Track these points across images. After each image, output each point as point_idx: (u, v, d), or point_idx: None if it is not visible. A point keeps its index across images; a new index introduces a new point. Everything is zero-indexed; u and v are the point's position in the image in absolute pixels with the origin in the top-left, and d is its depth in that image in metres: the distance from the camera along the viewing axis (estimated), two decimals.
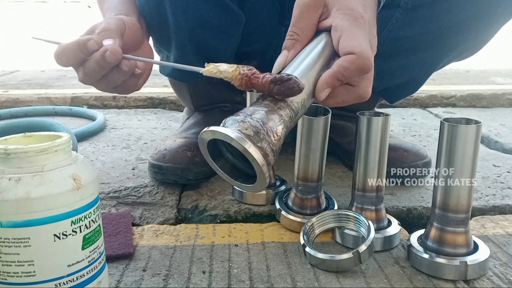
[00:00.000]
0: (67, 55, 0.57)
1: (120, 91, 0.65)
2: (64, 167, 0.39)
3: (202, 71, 0.48)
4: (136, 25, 0.65)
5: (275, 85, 0.44)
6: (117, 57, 0.56)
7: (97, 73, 0.58)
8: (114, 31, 0.59)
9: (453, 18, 0.71)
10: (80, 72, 0.59)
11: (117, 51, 0.55)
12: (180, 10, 0.68)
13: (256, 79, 0.45)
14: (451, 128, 0.49)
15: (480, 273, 0.50)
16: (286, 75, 0.44)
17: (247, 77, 0.46)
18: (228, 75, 0.47)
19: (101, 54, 0.55)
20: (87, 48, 0.56)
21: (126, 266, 0.52)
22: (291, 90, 0.44)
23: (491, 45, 0.81)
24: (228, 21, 0.71)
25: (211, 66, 0.47)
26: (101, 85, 0.62)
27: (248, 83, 0.46)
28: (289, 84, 0.44)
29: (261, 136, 0.43)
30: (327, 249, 0.57)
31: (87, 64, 0.57)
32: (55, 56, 0.57)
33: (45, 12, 7.41)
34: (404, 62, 0.77)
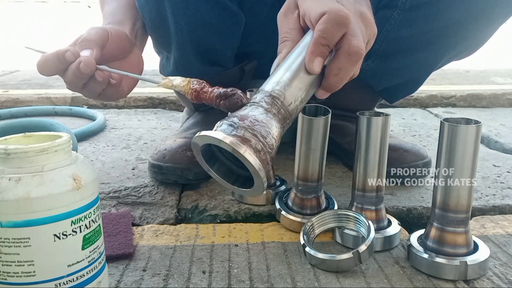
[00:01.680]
0: (48, 65, 0.60)
1: (104, 98, 0.67)
2: (64, 167, 0.39)
3: (159, 85, 0.51)
4: (122, 35, 0.67)
5: (220, 100, 0.46)
6: (91, 69, 0.58)
7: (76, 82, 0.61)
8: (93, 42, 0.61)
9: (451, 17, 0.71)
10: (64, 80, 0.63)
11: (90, 63, 0.58)
12: (180, 11, 0.68)
13: (204, 94, 0.48)
14: (451, 128, 0.49)
15: (480, 273, 0.50)
16: (230, 90, 0.46)
17: (196, 91, 0.48)
18: (181, 89, 0.49)
19: (76, 65, 0.58)
20: (65, 59, 0.59)
21: (126, 266, 0.52)
22: (235, 105, 0.46)
23: (491, 45, 0.81)
24: (228, 21, 0.71)
25: (167, 80, 0.50)
26: (85, 93, 0.65)
27: (197, 97, 0.48)
28: (232, 99, 0.46)
29: (256, 139, 0.42)
30: (327, 249, 0.57)
31: (66, 74, 0.60)
32: (37, 66, 0.60)
33: (45, 12, 7.41)
34: (403, 62, 0.77)
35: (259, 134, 0.43)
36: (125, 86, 0.67)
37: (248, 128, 0.42)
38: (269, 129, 0.44)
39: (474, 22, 0.72)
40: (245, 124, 0.43)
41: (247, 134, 0.42)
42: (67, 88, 0.64)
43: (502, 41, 0.88)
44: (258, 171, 0.42)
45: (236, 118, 0.44)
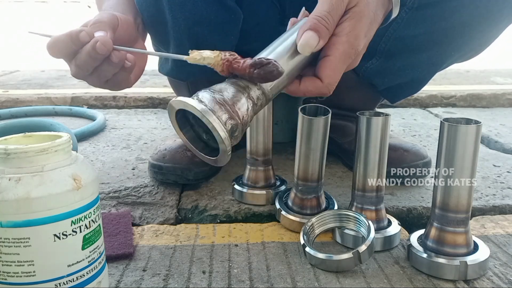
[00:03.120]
0: (59, 46, 0.57)
1: (112, 86, 0.65)
2: (64, 167, 0.39)
3: (186, 58, 0.49)
4: (130, 22, 0.65)
5: (254, 68, 0.45)
6: (108, 48, 0.56)
7: (88, 65, 0.58)
8: (106, 24, 0.59)
9: (458, 18, 0.71)
10: (72, 65, 0.60)
11: (107, 42, 0.56)
12: (178, 7, 0.68)
13: (237, 63, 0.46)
14: (451, 128, 0.49)
15: (480, 273, 0.50)
16: (266, 59, 0.45)
17: (228, 61, 0.47)
18: (210, 61, 0.47)
19: (92, 45, 0.55)
20: (79, 39, 0.56)
21: (126, 266, 0.52)
22: (270, 73, 0.45)
23: (491, 45, 0.81)
24: (226, 18, 0.71)
25: (195, 53, 0.48)
26: (93, 79, 0.62)
27: (229, 67, 0.47)
28: (268, 67, 0.45)
29: (226, 110, 0.43)
30: (327, 249, 0.57)
31: (78, 56, 0.58)
32: (47, 47, 0.57)
33: (45, 12, 7.41)
34: (408, 61, 0.77)
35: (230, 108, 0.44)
36: (132, 75, 0.66)
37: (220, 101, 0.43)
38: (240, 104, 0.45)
39: (481, 23, 0.72)
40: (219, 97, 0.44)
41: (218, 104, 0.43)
42: (73, 75, 0.61)
43: (502, 41, 0.87)
44: (223, 139, 0.42)
45: (211, 90, 0.45)
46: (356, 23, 0.49)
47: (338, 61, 0.49)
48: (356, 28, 0.49)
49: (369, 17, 0.51)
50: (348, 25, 0.49)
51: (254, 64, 0.45)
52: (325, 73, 0.49)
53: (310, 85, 0.50)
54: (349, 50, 0.49)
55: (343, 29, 0.49)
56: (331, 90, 0.50)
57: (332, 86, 0.50)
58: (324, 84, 0.49)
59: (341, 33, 0.49)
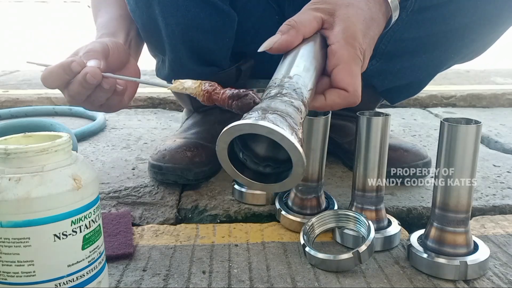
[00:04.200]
0: (53, 77, 0.59)
1: (106, 109, 0.66)
2: (64, 167, 0.39)
3: (169, 88, 0.50)
4: (120, 47, 0.66)
5: (233, 100, 0.45)
6: (97, 79, 0.58)
7: (81, 94, 0.60)
8: (99, 53, 0.61)
9: (458, 20, 0.70)
10: (66, 95, 0.62)
11: (96, 73, 0.58)
12: (170, 13, 0.68)
13: (216, 95, 0.47)
14: (451, 128, 0.49)
15: (480, 273, 0.50)
16: (243, 91, 0.45)
17: (208, 93, 0.47)
18: (192, 91, 0.48)
19: (83, 76, 0.57)
20: (71, 70, 0.58)
21: (126, 266, 0.52)
22: (247, 105, 0.45)
23: (492, 46, 0.81)
24: (220, 21, 0.71)
25: (177, 83, 0.49)
26: (87, 105, 0.64)
27: (209, 98, 0.47)
28: (245, 99, 0.45)
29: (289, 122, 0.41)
30: (327, 249, 0.57)
31: (71, 87, 0.59)
32: (42, 79, 0.59)
33: (45, 12, 7.41)
34: (408, 63, 0.77)
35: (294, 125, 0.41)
36: (125, 96, 0.67)
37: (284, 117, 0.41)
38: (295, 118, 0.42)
39: (482, 26, 0.72)
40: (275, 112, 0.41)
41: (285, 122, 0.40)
42: (67, 102, 0.64)
43: (502, 41, 0.87)
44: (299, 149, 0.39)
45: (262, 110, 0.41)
46: (346, 24, 0.49)
47: (350, 66, 0.49)
48: (349, 29, 0.49)
49: (360, 15, 0.50)
50: (339, 29, 0.49)
51: (232, 96, 0.45)
52: (345, 81, 0.48)
53: (336, 98, 0.49)
54: (354, 51, 0.49)
55: (336, 35, 0.49)
56: (359, 97, 0.49)
57: (358, 93, 0.49)
58: (350, 93, 0.48)
59: (336, 39, 0.49)
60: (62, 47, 0.65)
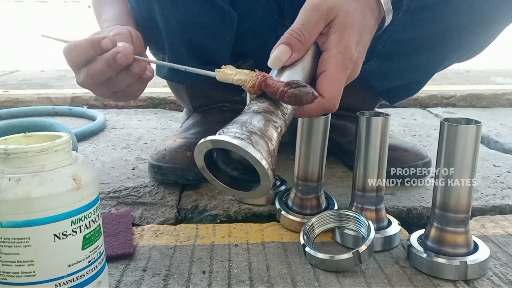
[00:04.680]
0: (78, 51, 0.56)
1: (119, 97, 0.63)
2: (64, 167, 0.39)
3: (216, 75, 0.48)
4: (140, 37, 0.65)
5: (290, 87, 0.44)
6: (129, 60, 0.55)
7: (104, 74, 0.56)
8: (128, 37, 0.59)
9: (455, 20, 0.71)
10: (82, 74, 0.58)
11: (129, 53, 0.55)
12: (170, 11, 0.68)
13: (272, 80, 0.45)
14: (451, 128, 0.49)
15: (480, 273, 0.50)
16: (301, 81, 0.45)
17: (264, 77, 0.46)
18: (242, 77, 0.46)
19: (113, 54, 0.54)
20: (101, 46, 0.54)
21: (126, 266, 0.52)
22: (306, 95, 0.44)
23: (491, 45, 0.81)
24: (220, 20, 0.71)
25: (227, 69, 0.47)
26: (102, 89, 0.60)
27: (263, 83, 0.45)
28: (305, 89, 0.44)
29: (260, 141, 0.42)
30: (327, 249, 0.57)
31: (93, 65, 0.56)
32: (65, 51, 0.56)
33: (45, 12, 7.41)
34: (405, 63, 0.77)
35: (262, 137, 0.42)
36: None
37: (251, 132, 0.42)
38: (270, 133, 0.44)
39: (479, 25, 0.72)
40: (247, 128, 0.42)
41: (251, 136, 0.42)
42: (79, 83, 0.59)
43: (502, 41, 0.87)
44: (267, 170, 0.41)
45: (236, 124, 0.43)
46: (342, 33, 0.49)
47: (334, 74, 0.49)
48: (344, 38, 0.49)
49: (356, 25, 0.50)
50: (334, 37, 0.49)
51: (289, 83, 0.44)
52: (323, 88, 0.49)
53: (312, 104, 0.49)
54: (344, 61, 0.49)
55: (331, 42, 0.49)
56: (335, 105, 0.49)
57: (335, 100, 0.49)
58: (326, 99, 0.48)
59: (330, 46, 0.49)
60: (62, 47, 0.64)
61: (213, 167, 0.48)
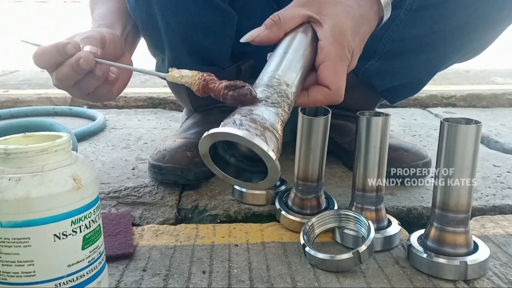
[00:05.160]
0: (45, 56, 0.57)
1: (93, 98, 0.65)
2: (64, 167, 0.39)
3: (165, 75, 0.49)
4: (117, 40, 0.65)
5: (229, 90, 0.45)
6: (90, 64, 0.56)
7: (70, 78, 0.58)
8: (96, 40, 0.59)
9: (458, 19, 0.70)
10: (53, 77, 0.60)
11: (90, 59, 0.56)
12: (170, 12, 0.68)
13: (213, 84, 0.46)
14: (451, 128, 0.49)
15: (480, 273, 0.50)
16: (240, 82, 0.45)
17: (205, 81, 0.47)
18: (188, 80, 0.48)
19: (76, 59, 0.56)
20: (65, 51, 0.56)
21: (126, 266, 0.52)
22: (243, 96, 0.45)
23: (492, 45, 0.81)
24: (220, 20, 0.71)
25: (175, 71, 0.49)
26: (74, 91, 0.62)
27: (205, 87, 0.47)
28: (242, 90, 0.45)
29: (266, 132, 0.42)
30: (327, 249, 0.57)
31: (60, 69, 0.57)
32: (34, 57, 0.57)
33: (45, 12, 7.41)
34: (407, 62, 0.77)
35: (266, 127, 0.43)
36: (114, 88, 0.65)
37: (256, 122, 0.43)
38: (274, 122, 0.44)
39: (481, 25, 0.72)
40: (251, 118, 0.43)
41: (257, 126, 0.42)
42: (54, 85, 0.61)
43: (502, 41, 0.87)
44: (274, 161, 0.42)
45: (243, 112, 0.44)
46: (335, 21, 0.50)
47: (335, 64, 0.49)
48: (338, 26, 0.49)
49: (349, 14, 0.51)
50: (327, 27, 0.50)
51: (229, 86, 0.45)
52: (329, 79, 0.49)
53: (318, 95, 0.50)
54: (342, 50, 0.49)
55: (324, 32, 0.50)
56: (342, 96, 0.50)
57: (341, 91, 0.50)
58: (333, 91, 0.49)
59: (325, 35, 0.49)
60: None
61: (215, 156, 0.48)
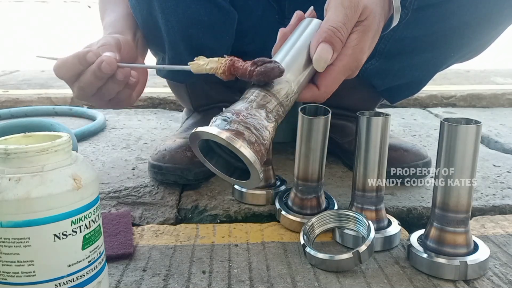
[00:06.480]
0: (67, 67, 0.59)
1: (114, 104, 0.66)
2: (64, 167, 0.39)
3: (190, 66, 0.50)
4: (130, 44, 0.67)
5: (256, 66, 0.45)
6: (112, 67, 0.57)
7: (93, 85, 0.59)
8: (114, 46, 0.61)
9: (458, 19, 0.70)
10: (75, 87, 0.61)
11: (112, 61, 0.57)
12: (170, 9, 0.68)
13: (240, 63, 0.47)
14: (451, 128, 0.49)
15: (480, 273, 0.50)
16: (267, 58, 0.46)
17: (232, 61, 0.48)
18: (214, 65, 0.48)
19: (98, 64, 0.57)
20: (86, 59, 0.57)
21: (126, 266, 0.52)
22: (272, 70, 0.45)
23: (492, 45, 0.81)
24: (220, 19, 0.71)
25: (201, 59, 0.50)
26: (96, 99, 0.63)
27: (231, 67, 0.47)
28: (270, 65, 0.45)
29: (250, 132, 0.43)
30: (327, 249, 0.57)
31: (82, 78, 0.59)
32: (55, 69, 0.59)
33: (45, 12, 7.41)
34: (407, 62, 0.77)
35: (252, 127, 0.44)
36: (134, 92, 0.67)
37: (241, 122, 0.43)
38: (262, 121, 0.45)
39: (481, 24, 0.72)
40: (239, 118, 0.44)
41: (241, 127, 0.43)
42: (76, 97, 0.63)
43: (502, 41, 0.88)
44: (254, 164, 0.43)
45: (229, 113, 0.44)
46: (363, 36, 0.50)
47: (339, 72, 0.50)
48: (362, 41, 0.50)
49: (374, 30, 0.51)
50: (356, 37, 0.50)
51: (256, 61, 0.46)
52: (324, 82, 0.50)
53: (306, 92, 0.51)
54: (352, 63, 0.50)
55: (351, 41, 0.50)
56: (326, 98, 0.51)
57: (328, 95, 0.51)
58: (321, 92, 0.50)
59: (348, 45, 0.49)
60: (62, 47, 0.65)
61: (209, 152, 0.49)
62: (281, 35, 0.54)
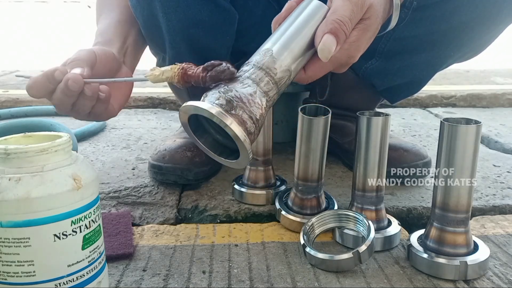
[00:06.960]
0: (37, 86, 0.58)
1: (94, 117, 0.65)
2: (64, 167, 0.39)
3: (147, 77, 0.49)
4: (109, 56, 0.66)
5: (207, 72, 0.46)
6: (79, 85, 0.57)
7: (65, 102, 0.59)
8: (83, 61, 0.60)
9: (458, 19, 0.71)
10: (52, 104, 0.61)
11: (77, 79, 0.57)
12: (171, 9, 0.68)
13: (191, 70, 0.47)
14: (451, 128, 0.49)
15: (480, 273, 0.50)
16: (217, 61, 0.46)
17: (183, 69, 0.47)
18: (168, 74, 0.48)
19: (64, 82, 0.57)
20: (54, 78, 0.57)
21: (126, 266, 0.52)
22: (221, 73, 0.45)
23: (491, 45, 0.81)
24: (221, 19, 0.71)
25: (156, 70, 0.49)
26: (74, 114, 0.63)
27: (184, 76, 0.47)
28: (220, 67, 0.45)
29: (242, 110, 0.43)
30: (327, 249, 0.57)
31: (54, 96, 0.59)
32: (27, 89, 0.58)
33: (45, 12, 7.41)
34: (407, 62, 0.77)
35: (245, 105, 0.43)
36: (114, 103, 0.66)
37: (233, 99, 0.43)
38: (255, 100, 0.44)
39: (481, 24, 0.72)
40: (231, 95, 0.43)
41: (233, 105, 0.43)
42: (57, 112, 0.63)
43: (502, 41, 0.88)
44: (243, 142, 0.42)
45: (222, 89, 0.44)
46: (363, 34, 0.50)
47: (328, 64, 0.50)
48: (360, 39, 0.50)
49: (373, 30, 0.51)
50: (356, 34, 0.49)
51: (206, 67, 0.46)
52: (312, 67, 0.51)
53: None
54: (345, 58, 0.50)
55: (350, 37, 0.50)
56: (308, 82, 0.52)
57: (312, 80, 0.51)
58: (306, 76, 0.51)
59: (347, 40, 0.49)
60: (62, 47, 0.64)
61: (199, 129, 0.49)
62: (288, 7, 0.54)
